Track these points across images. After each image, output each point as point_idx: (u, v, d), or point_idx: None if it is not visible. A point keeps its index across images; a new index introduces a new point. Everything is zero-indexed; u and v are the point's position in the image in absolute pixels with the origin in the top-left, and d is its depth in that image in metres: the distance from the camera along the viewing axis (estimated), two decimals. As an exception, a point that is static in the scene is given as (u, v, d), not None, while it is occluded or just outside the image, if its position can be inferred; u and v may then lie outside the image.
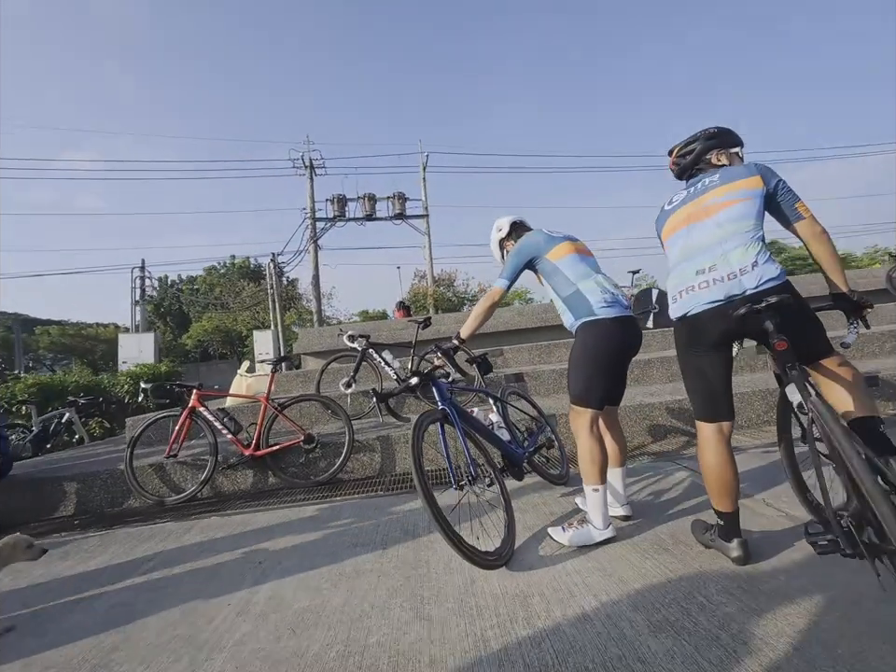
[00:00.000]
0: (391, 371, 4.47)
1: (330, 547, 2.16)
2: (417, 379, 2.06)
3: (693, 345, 1.61)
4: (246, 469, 3.38)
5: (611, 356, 1.94)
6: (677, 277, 1.65)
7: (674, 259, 1.68)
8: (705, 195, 1.63)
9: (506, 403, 2.61)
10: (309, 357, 7.52)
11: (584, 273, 2.02)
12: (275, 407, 3.34)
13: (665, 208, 1.78)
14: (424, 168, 20.00)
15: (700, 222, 1.60)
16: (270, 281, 17.89)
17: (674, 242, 1.69)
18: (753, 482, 2.37)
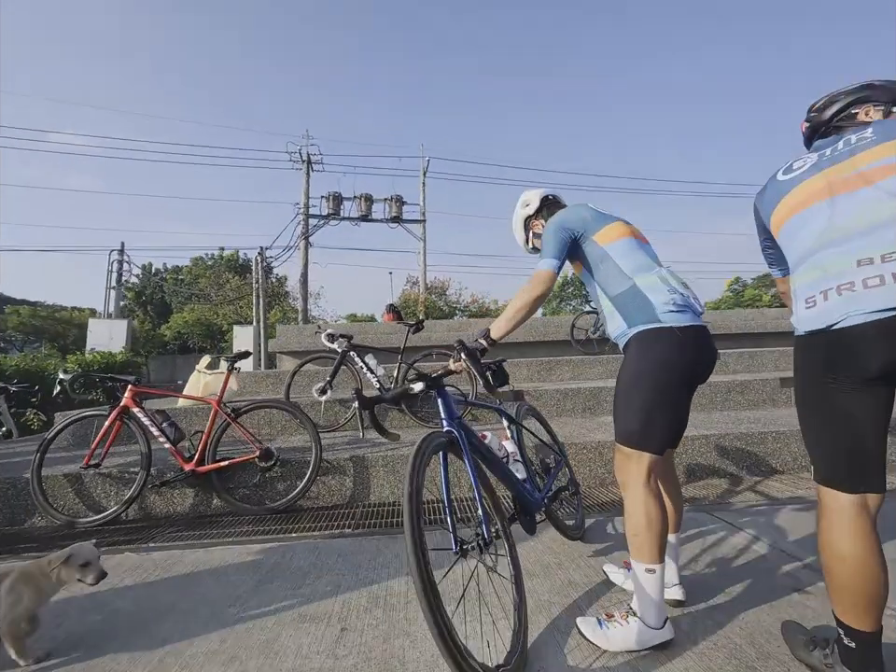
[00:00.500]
0: (373, 379, 3.89)
1: (267, 624, 1.55)
2: (423, 384, 1.49)
3: (838, 373, 1.07)
4: (186, 487, 2.74)
5: (681, 378, 1.39)
6: (815, 270, 1.10)
7: (805, 246, 1.14)
8: (855, 157, 1.10)
9: (522, 427, 2.05)
10: (286, 356, 6.89)
11: (644, 265, 1.48)
12: (228, 413, 2.73)
13: (778, 178, 1.25)
14: (424, 173, 19.63)
15: (853, 192, 1.07)
16: (255, 275, 17.17)
17: (802, 222, 1.15)
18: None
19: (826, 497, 1.11)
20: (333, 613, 1.56)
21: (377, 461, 2.88)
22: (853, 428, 1.06)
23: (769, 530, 2.11)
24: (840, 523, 1.07)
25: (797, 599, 1.55)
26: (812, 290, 1.09)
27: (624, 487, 1.41)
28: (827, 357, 1.07)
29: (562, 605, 1.56)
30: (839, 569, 1.06)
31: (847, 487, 1.07)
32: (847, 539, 1.05)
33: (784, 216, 1.20)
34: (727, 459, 3.10)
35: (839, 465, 1.09)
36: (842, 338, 1.03)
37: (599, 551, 1.96)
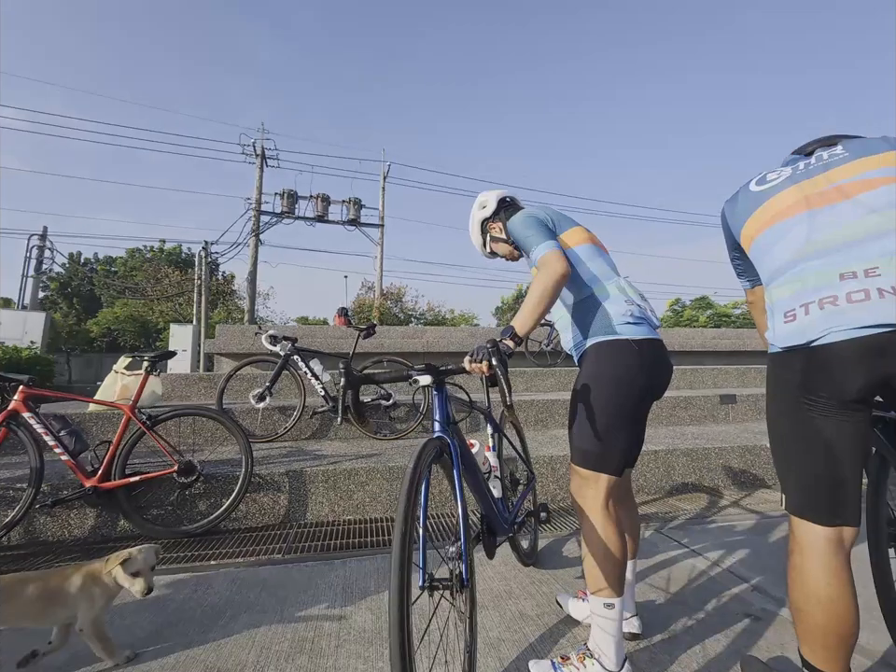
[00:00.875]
0: (318, 386, 3.62)
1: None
2: (430, 378, 1.28)
3: (815, 395, 0.99)
4: (85, 507, 2.36)
5: (639, 393, 1.30)
6: (794, 282, 1.04)
7: (782, 259, 1.07)
8: (829, 172, 1.06)
9: (504, 437, 1.88)
10: (224, 358, 6.40)
11: (603, 274, 1.40)
12: (143, 421, 2.38)
13: (751, 189, 1.19)
14: (384, 177, 19.40)
15: (832, 205, 1.02)
16: (199, 271, 16.11)
17: (779, 234, 1.09)
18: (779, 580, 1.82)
19: (799, 529, 1.03)
20: (247, 664, 1.32)
21: (317, 476, 2.63)
22: (830, 455, 0.99)
23: (717, 550, 2.09)
24: (815, 561, 0.99)
25: (750, 626, 1.50)
26: (792, 304, 1.02)
27: (581, 513, 1.30)
28: (804, 376, 1.00)
29: (513, 642, 1.41)
30: (812, 610, 0.98)
31: (822, 519, 1.00)
32: (823, 579, 0.97)
33: (758, 227, 1.14)
34: (674, 475, 3.12)
35: (813, 494, 1.02)
36: (822, 355, 0.96)
37: (553, 578, 1.84)
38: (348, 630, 1.48)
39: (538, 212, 1.45)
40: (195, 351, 13.87)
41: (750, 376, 6.11)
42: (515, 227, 1.43)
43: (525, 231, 1.38)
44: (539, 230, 1.36)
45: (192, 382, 4.68)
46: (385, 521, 2.55)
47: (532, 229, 1.37)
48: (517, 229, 1.42)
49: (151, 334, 25.79)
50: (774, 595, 1.68)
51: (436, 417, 1.29)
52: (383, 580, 1.83)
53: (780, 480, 1.10)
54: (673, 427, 4.21)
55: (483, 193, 1.69)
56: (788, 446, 1.07)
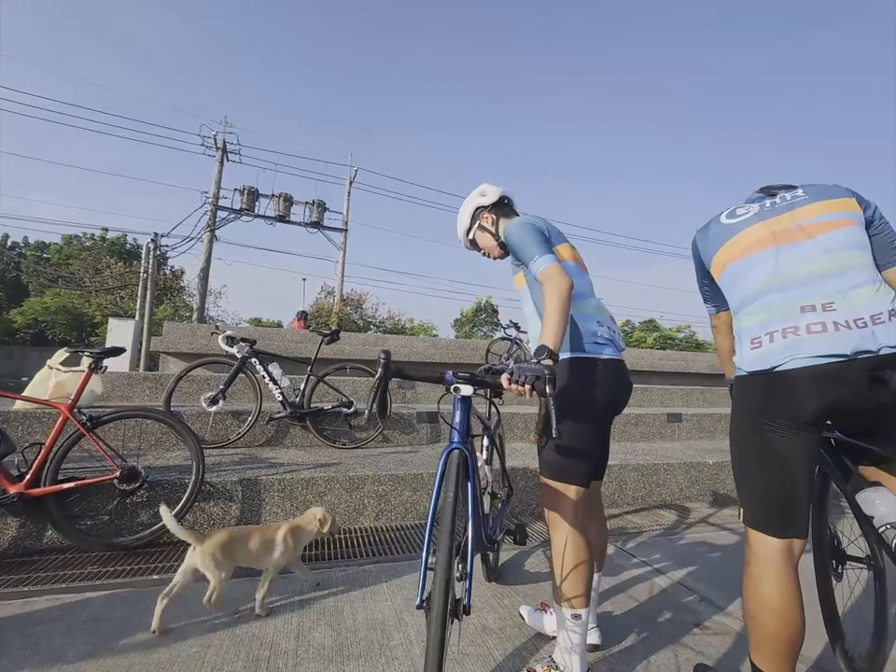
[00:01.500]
0: (276, 391, 3.48)
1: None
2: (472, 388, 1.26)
3: (775, 416, 1.08)
4: (7, 515, 2.13)
5: (602, 408, 1.37)
6: (762, 312, 1.13)
7: (751, 289, 1.17)
8: (794, 212, 1.18)
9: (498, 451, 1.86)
10: (171, 357, 6.02)
11: (580, 293, 1.43)
12: (82, 422, 2.19)
13: (722, 221, 1.30)
14: (350, 182, 19.20)
15: (795, 244, 1.13)
16: (145, 264, 15.16)
17: (749, 266, 1.19)
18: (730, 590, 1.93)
19: (755, 540, 1.11)
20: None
21: (272, 485, 2.52)
22: (785, 472, 1.08)
23: (668, 562, 2.19)
24: (768, 571, 1.07)
25: (699, 636, 1.57)
26: (759, 332, 1.12)
27: (551, 524, 1.33)
28: (765, 399, 1.09)
29: (477, 657, 1.40)
30: (766, 618, 1.05)
31: (776, 531, 1.08)
32: (776, 588, 1.05)
33: (729, 258, 1.24)
34: (626, 490, 3.25)
35: (769, 508, 1.10)
36: (782, 380, 1.05)
37: (514, 591, 1.85)
38: (306, 647, 1.42)
39: (538, 221, 1.46)
40: (136, 348, 12.95)
41: (694, 397, 6.50)
42: (515, 231, 1.42)
43: (527, 239, 1.38)
44: (539, 240, 1.37)
45: (135, 381, 4.37)
46: (343, 532, 2.48)
47: (533, 238, 1.38)
48: (517, 234, 1.41)
49: (85, 328, 23.87)
50: (720, 605, 1.78)
51: (457, 427, 1.28)
52: (342, 593, 1.77)
53: (739, 493, 1.18)
54: (624, 442, 4.39)
55: (486, 184, 1.69)
56: (747, 463, 1.15)
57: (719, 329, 1.52)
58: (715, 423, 4.98)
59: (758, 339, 1.11)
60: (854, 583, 1.30)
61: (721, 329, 1.50)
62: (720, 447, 4.23)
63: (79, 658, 1.34)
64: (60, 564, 1.99)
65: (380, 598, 1.74)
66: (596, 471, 1.42)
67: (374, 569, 2.00)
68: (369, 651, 1.41)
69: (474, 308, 30.05)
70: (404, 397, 5.06)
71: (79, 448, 2.19)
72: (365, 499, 2.65)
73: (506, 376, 1.15)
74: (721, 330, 1.50)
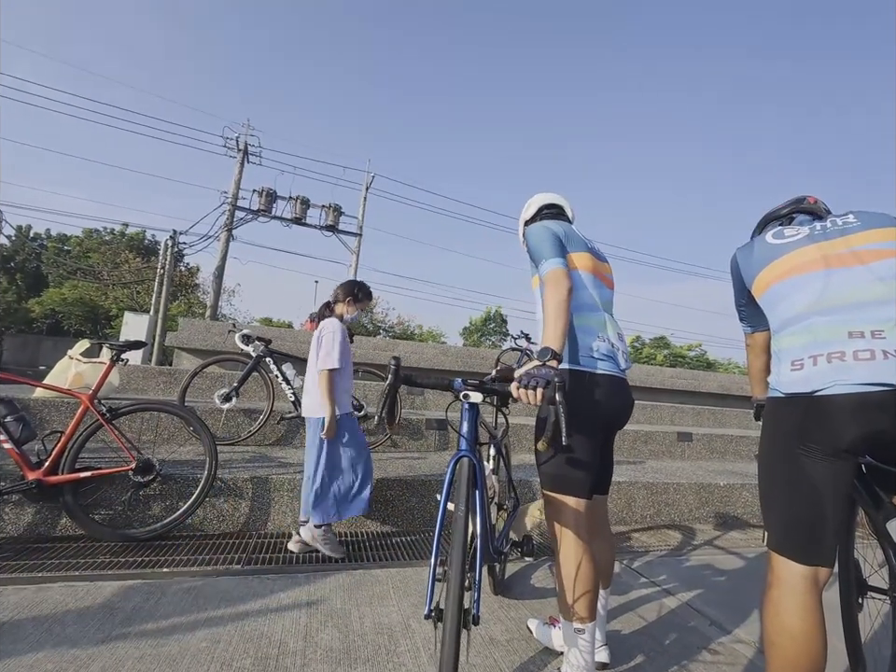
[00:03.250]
0: (289, 391, 3.52)
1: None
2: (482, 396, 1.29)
3: (810, 441, 1.07)
4: (25, 502, 2.17)
5: (592, 422, 1.35)
6: (806, 334, 1.12)
7: (796, 310, 1.16)
8: (847, 237, 1.17)
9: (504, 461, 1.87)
10: (185, 353, 6.10)
11: (588, 305, 1.43)
12: (102, 413, 2.23)
13: (768, 241, 1.29)
14: (367, 188, 19.42)
15: (847, 268, 1.13)
16: (163, 260, 15.42)
17: (795, 287, 1.18)
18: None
19: (778, 565, 1.09)
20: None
21: (282, 484, 2.54)
22: (815, 499, 1.06)
23: (676, 583, 2.16)
24: (791, 597, 1.05)
25: (709, 660, 1.55)
26: (801, 354, 1.10)
27: (554, 537, 1.34)
28: (803, 422, 1.08)
29: (484, 668, 1.40)
30: (786, 645, 1.03)
31: (802, 558, 1.06)
32: (797, 614, 1.03)
33: (773, 278, 1.23)
34: (634, 507, 3.21)
35: (795, 534, 1.08)
36: (823, 405, 1.04)
37: (521, 604, 1.84)
38: (314, 649, 1.43)
39: (555, 226, 1.47)
40: (150, 343, 13.14)
41: (704, 416, 6.42)
42: (531, 234, 1.45)
43: (540, 242, 1.40)
44: (552, 243, 1.39)
45: (151, 375, 4.43)
46: (350, 535, 2.49)
47: (547, 241, 1.40)
48: (532, 236, 1.44)
49: (101, 321, 24.26)
50: (729, 630, 1.75)
51: (463, 435, 1.29)
52: (349, 596, 1.78)
53: (765, 517, 1.17)
54: (633, 459, 4.35)
55: (537, 195, 1.72)
56: (776, 486, 1.14)
57: (752, 349, 1.52)
58: (726, 444, 4.91)
59: (799, 361, 1.10)
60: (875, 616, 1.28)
61: (754, 349, 1.51)
62: (730, 469, 4.17)
63: (92, 645, 1.36)
64: (73, 552, 2.02)
65: (387, 603, 1.74)
66: (597, 484, 1.40)
67: (381, 574, 2.00)
68: (376, 656, 1.41)
69: (483, 317, 30.06)
70: (413, 403, 5.07)
71: (96, 439, 2.23)
72: (372, 503, 2.66)
73: (515, 384, 1.14)
74: (754, 350, 1.51)
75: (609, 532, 1.55)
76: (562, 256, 1.37)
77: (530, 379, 1.10)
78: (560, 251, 1.38)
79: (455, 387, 1.29)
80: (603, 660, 1.43)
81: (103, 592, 1.67)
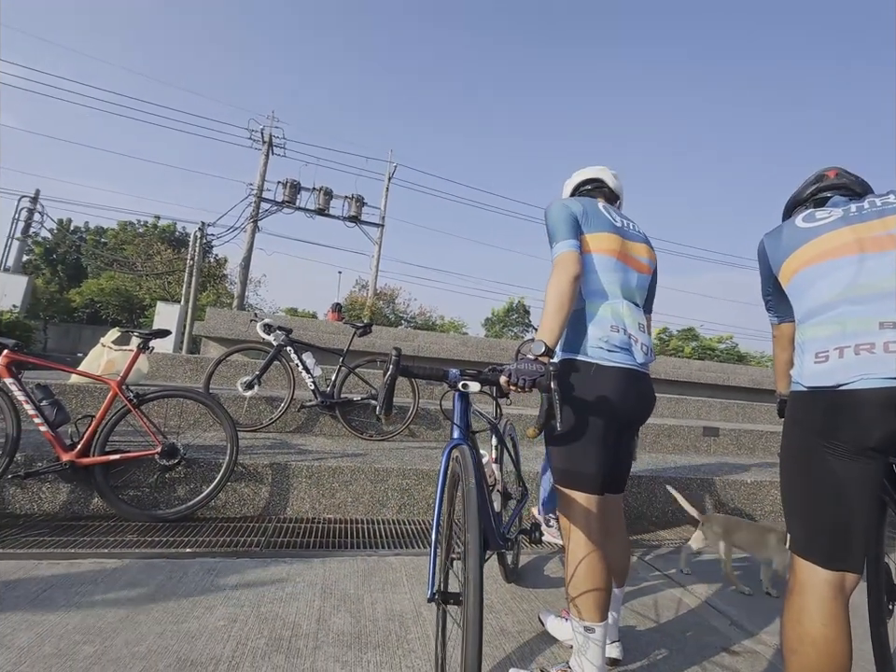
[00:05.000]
0: (309, 380, 3.58)
1: (133, 671, 1.24)
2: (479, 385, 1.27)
3: (835, 438, 1.00)
4: (59, 481, 2.28)
5: (598, 415, 1.29)
6: (832, 325, 1.04)
7: (822, 299, 1.08)
8: (885, 218, 1.07)
9: (507, 449, 1.84)
10: (212, 342, 6.29)
11: (604, 291, 1.35)
12: (130, 398, 2.32)
13: (798, 224, 1.20)
14: (389, 178, 19.42)
15: (883, 253, 1.03)
16: (192, 251, 15.87)
17: (823, 273, 1.10)
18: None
19: (801, 569, 1.04)
20: (223, 658, 1.28)
21: (301, 471, 2.59)
22: (841, 500, 1.00)
23: (697, 581, 2.10)
24: (814, 603, 1.00)
25: (728, 661, 1.50)
26: (826, 345, 1.03)
27: (564, 532, 1.31)
28: (827, 418, 1.01)
29: (493, 658, 1.39)
30: (808, 652, 0.98)
31: (827, 562, 1.01)
32: (819, 620, 0.98)
33: (801, 264, 1.15)
34: (655, 502, 3.14)
35: (821, 537, 1.03)
36: (848, 400, 0.98)
37: (533, 595, 1.83)
38: (326, 632, 1.45)
39: (574, 204, 1.40)
40: (179, 331, 13.60)
41: (733, 411, 6.21)
42: (548, 214, 1.39)
43: (555, 223, 1.34)
44: (566, 225, 1.33)
45: (178, 363, 4.59)
46: (366, 522, 2.52)
47: (560, 223, 1.33)
48: (549, 217, 1.38)
49: (135, 310, 25.24)
50: (751, 631, 1.70)
51: (456, 424, 1.29)
52: (363, 582, 1.80)
53: (787, 518, 1.11)
54: (656, 454, 4.25)
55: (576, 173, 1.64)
56: (798, 486, 1.08)
57: (778, 341, 1.44)
58: (755, 440, 4.74)
59: (824, 353, 1.03)
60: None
61: (780, 341, 1.43)
62: (758, 465, 4.02)
63: (117, 619, 1.42)
64: (103, 530, 2.11)
65: (399, 591, 1.76)
66: (609, 481, 1.35)
67: (395, 561, 2.02)
68: (387, 642, 1.42)
69: (506, 308, 29.81)
70: (432, 393, 5.08)
71: (124, 423, 2.32)
72: (389, 492, 2.69)
73: (504, 378, 1.14)
74: (780, 342, 1.43)
75: (624, 531, 1.49)
76: (574, 237, 1.30)
77: (518, 376, 1.10)
78: (573, 232, 1.32)
79: (450, 378, 1.28)
80: (615, 656, 1.40)
81: (129, 569, 1.75)
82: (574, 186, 1.60)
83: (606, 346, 1.29)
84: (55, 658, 1.23)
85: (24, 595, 1.52)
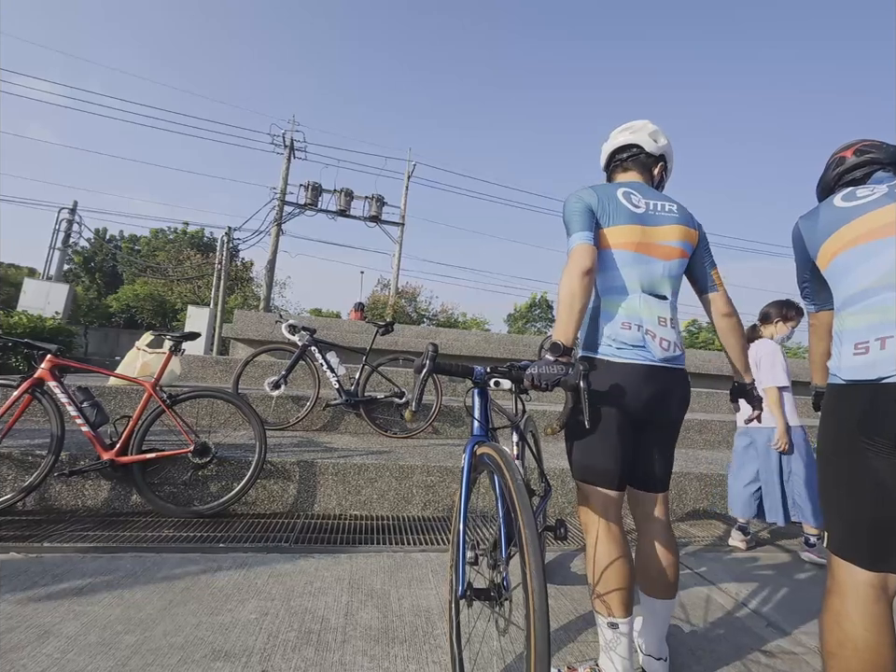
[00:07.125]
0: (333, 379, 3.63)
1: (171, 661, 1.29)
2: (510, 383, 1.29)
3: (876, 434, 0.95)
4: (100, 479, 2.39)
5: (608, 411, 1.26)
6: (873, 313, 0.98)
7: (863, 284, 1.01)
8: None
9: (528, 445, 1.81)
10: (241, 343, 6.46)
11: (622, 287, 1.30)
12: (163, 399, 2.41)
13: (836, 204, 1.12)
14: (409, 177, 19.48)
15: None
16: (220, 255, 16.34)
17: (865, 255, 1.02)
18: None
19: (840, 570, 0.99)
20: (255, 650, 1.32)
21: (327, 468, 2.64)
22: (883, 497, 0.95)
23: (731, 580, 2.04)
24: (854, 606, 0.95)
25: (764, 663, 1.46)
26: (866, 335, 0.97)
27: (584, 526, 1.31)
28: (868, 414, 0.96)
29: (519, 655, 1.39)
30: (848, 656, 0.93)
31: (867, 563, 0.96)
32: (861, 624, 0.93)
33: (841, 246, 1.07)
34: (685, 499, 3.06)
35: (860, 536, 0.98)
36: (891, 394, 0.92)
37: (559, 592, 1.82)
38: (354, 626, 1.48)
39: (589, 196, 1.34)
40: (210, 334, 14.05)
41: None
42: (564, 208, 1.35)
43: (570, 217, 1.31)
44: (580, 217, 1.30)
45: (208, 364, 4.74)
46: (391, 519, 2.55)
47: (575, 215, 1.30)
48: (565, 211, 1.34)
49: (168, 314, 26.19)
50: (789, 632, 1.64)
51: (477, 420, 1.30)
52: (389, 577, 1.82)
53: (825, 516, 1.06)
54: (686, 450, 4.14)
55: (615, 131, 1.53)
56: (837, 483, 1.03)
57: (815, 330, 1.36)
58: (791, 434, 4.55)
59: (864, 343, 0.97)
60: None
61: (817, 331, 1.35)
62: (796, 461, 3.86)
63: (156, 611, 1.48)
64: (142, 525, 2.21)
65: (426, 587, 1.77)
66: (629, 477, 1.32)
67: (421, 558, 2.04)
68: (413, 637, 1.44)
69: (528, 303, 29.54)
70: (455, 390, 5.09)
71: (159, 423, 2.41)
72: (413, 489, 2.71)
73: (527, 381, 1.15)
74: (817, 332, 1.35)
75: (666, 533, 1.35)
76: (587, 229, 1.27)
77: (541, 380, 1.12)
78: (587, 224, 1.28)
79: (476, 374, 1.29)
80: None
81: (166, 563, 1.82)
82: (609, 154, 1.52)
83: (615, 344, 1.28)
84: (99, 647, 1.29)
85: (69, 587, 1.60)
